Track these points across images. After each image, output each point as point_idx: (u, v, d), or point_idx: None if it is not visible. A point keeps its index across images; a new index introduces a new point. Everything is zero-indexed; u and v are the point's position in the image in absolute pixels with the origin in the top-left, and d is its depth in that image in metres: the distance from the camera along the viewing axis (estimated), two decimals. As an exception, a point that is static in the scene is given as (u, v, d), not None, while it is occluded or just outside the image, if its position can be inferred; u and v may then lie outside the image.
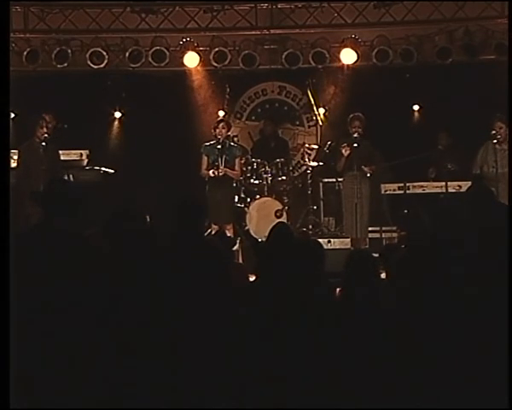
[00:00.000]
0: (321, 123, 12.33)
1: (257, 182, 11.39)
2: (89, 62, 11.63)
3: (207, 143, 10.57)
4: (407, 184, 10.73)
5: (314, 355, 4.38)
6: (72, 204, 5.02)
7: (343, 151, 10.21)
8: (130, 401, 4.27)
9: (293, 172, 12.56)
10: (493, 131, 9.86)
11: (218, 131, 10.42)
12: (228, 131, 10.72)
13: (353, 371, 4.37)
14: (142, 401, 4.29)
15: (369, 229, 10.53)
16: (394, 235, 10.29)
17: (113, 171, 11.48)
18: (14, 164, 10.30)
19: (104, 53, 11.65)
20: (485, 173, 9.91)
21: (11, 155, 10.09)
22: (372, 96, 11.48)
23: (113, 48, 11.92)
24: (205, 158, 10.54)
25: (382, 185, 10.74)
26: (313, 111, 12.29)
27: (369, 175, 10.20)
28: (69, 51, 11.66)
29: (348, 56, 11.74)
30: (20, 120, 10.78)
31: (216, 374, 4.33)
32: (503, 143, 9.79)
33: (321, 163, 11.64)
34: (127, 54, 11.76)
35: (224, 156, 10.43)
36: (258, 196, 11.30)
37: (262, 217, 11.01)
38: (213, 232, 9.52)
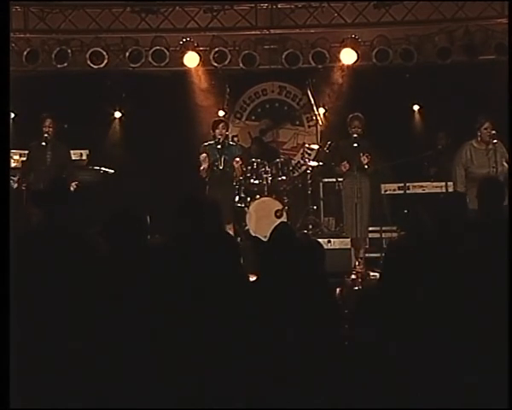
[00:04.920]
0: (321, 123, 12.33)
1: (257, 182, 11.37)
2: (89, 62, 11.63)
3: (206, 144, 10.57)
4: (407, 184, 10.71)
5: (314, 355, 4.38)
6: (72, 204, 5.02)
7: (342, 168, 10.19)
8: (129, 399, 4.27)
9: (293, 172, 12.56)
10: (484, 131, 9.81)
11: (218, 131, 10.43)
12: (227, 131, 10.75)
13: (353, 371, 4.38)
14: (142, 401, 4.28)
15: (369, 229, 10.52)
16: (394, 235, 10.27)
17: (113, 171, 11.48)
18: (13, 164, 10.31)
19: (104, 53, 11.66)
20: (472, 174, 9.85)
21: (11, 154, 10.11)
22: (372, 96, 11.49)
23: (113, 48, 11.93)
24: (205, 155, 10.53)
25: (382, 185, 10.72)
26: (313, 111, 12.29)
27: (366, 166, 10.14)
28: (69, 51, 11.68)
29: (348, 56, 11.75)
30: (20, 120, 10.79)
31: (215, 374, 4.33)
32: (493, 142, 9.73)
33: (321, 163, 11.65)
34: (127, 54, 11.77)
35: (223, 156, 10.43)
36: (258, 196, 11.29)
37: (262, 217, 11.00)
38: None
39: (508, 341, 4.26)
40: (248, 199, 11.35)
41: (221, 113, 11.89)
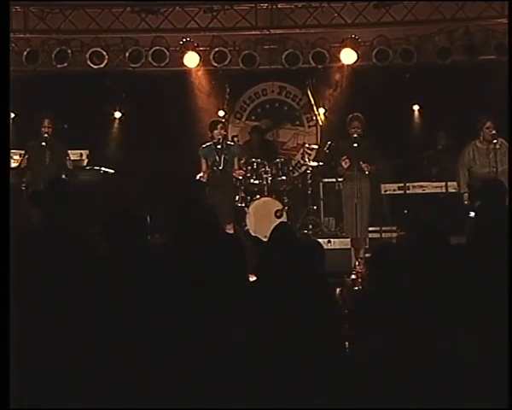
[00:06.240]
0: (321, 123, 12.33)
1: (257, 182, 11.39)
2: (89, 62, 11.64)
3: (204, 145, 10.57)
4: (407, 184, 10.72)
5: (314, 355, 4.38)
6: (72, 204, 5.02)
7: (343, 164, 10.18)
8: (130, 399, 4.27)
9: (293, 172, 12.57)
10: (486, 130, 9.82)
11: (216, 132, 10.42)
12: (225, 131, 10.78)
13: (353, 371, 4.38)
14: (142, 401, 4.28)
15: (369, 229, 10.52)
16: (394, 235, 10.27)
17: (113, 171, 11.48)
18: (13, 164, 10.31)
19: (104, 53, 11.67)
20: (475, 174, 9.87)
21: (11, 155, 10.11)
22: (372, 96, 11.50)
23: (113, 48, 11.93)
24: (203, 161, 10.55)
25: (382, 185, 10.73)
26: (313, 111, 12.30)
27: (367, 173, 10.16)
28: (69, 51, 11.68)
29: (348, 56, 11.75)
30: (20, 120, 10.78)
31: (215, 374, 4.33)
32: (493, 142, 9.75)
33: (321, 163, 11.66)
34: (127, 54, 11.77)
35: (223, 156, 10.44)
36: (258, 196, 11.30)
37: (262, 217, 11.01)
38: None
39: (508, 340, 4.26)
40: (248, 199, 11.36)
41: (221, 113, 11.90)
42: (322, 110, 12.20)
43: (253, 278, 4.96)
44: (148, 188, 11.77)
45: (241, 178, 11.07)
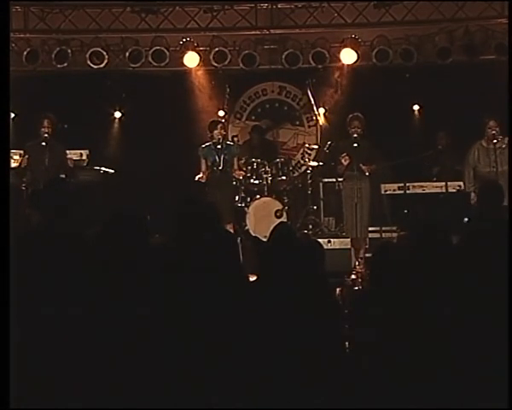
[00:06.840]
0: (321, 123, 12.33)
1: (257, 182, 11.39)
2: (89, 62, 11.65)
3: (204, 146, 10.57)
4: (407, 184, 10.72)
5: (314, 355, 4.38)
6: (72, 204, 5.02)
7: (343, 161, 10.18)
8: (129, 399, 4.27)
9: (293, 172, 12.57)
10: (489, 130, 9.86)
11: (216, 132, 10.43)
12: (225, 131, 10.78)
13: (353, 371, 4.38)
14: (142, 401, 4.28)
15: (369, 229, 10.52)
16: (394, 235, 10.28)
17: (113, 171, 11.48)
18: (13, 164, 10.31)
19: (104, 53, 11.68)
20: (478, 173, 9.91)
21: (11, 155, 10.11)
22: (372, 96, 11.50)
23: (113, 48, 11.94)
24: (203, 161, 10.55)
25: (382, 185, 10.73)
26: (313, 111, 12.30)
27: (367, 174, 10.18)
28: (69, 51, 11.69)
29: (348, 56, 11.76)
30: (20, 120, 10.79)
31: (215, 374, 4.33)
32: (493, 142, 9.78)
33: (321, 163, 11.66)
34: (127, 54, 11.78)
35: (222, 156, 10.44)
36: (258, 196, 11.30)
37: (262, 217, 11.01)
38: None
39: (508, 341, 4.26)
40: (248, 199, 11.36)
41: (221, 113, 11.89)
42: (322, 110, 12.20)
43: (253, 278, 4.96)
44: (148, 188, 11.76)
45: (241, 178, 11.08)
